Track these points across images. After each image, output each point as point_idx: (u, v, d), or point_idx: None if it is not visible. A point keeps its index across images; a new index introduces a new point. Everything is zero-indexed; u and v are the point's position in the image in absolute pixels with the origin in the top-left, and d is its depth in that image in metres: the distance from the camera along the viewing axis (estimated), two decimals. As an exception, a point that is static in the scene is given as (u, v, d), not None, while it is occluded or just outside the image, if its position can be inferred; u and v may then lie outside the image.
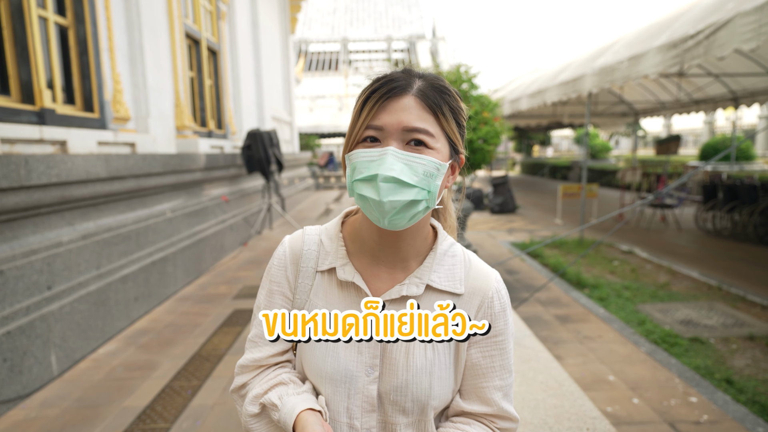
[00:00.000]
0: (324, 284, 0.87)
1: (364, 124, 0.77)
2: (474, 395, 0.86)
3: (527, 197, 14.36)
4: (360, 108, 0.79)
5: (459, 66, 5.99)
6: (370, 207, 0.76)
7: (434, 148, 0.77)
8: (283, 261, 0.90)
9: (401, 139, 0.76)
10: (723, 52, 4.50)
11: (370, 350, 0.82)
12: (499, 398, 0.85)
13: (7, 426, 2.53)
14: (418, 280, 0.84)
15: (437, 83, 0.80)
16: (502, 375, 0.86)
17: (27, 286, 2.89)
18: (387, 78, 0.78)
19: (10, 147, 3.05)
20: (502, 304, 0.87)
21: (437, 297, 0.85)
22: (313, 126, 20.78)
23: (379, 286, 0.85)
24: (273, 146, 7.19)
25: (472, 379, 0.86)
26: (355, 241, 0.89)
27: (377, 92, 0.77)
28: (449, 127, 0.80)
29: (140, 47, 4.80)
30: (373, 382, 0.82)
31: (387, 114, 0.76)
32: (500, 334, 0.86)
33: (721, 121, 27.70)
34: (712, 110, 11.08)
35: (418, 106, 0.77)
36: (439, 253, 0.87)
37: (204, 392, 2.88)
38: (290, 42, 12.90)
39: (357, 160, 0.77)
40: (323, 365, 0.82)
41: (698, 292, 5.01)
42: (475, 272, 0.88)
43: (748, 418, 2.72)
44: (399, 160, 0.74)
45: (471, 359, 0.86)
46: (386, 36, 30.76)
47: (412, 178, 0.74)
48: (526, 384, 2.32)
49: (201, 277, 5.44)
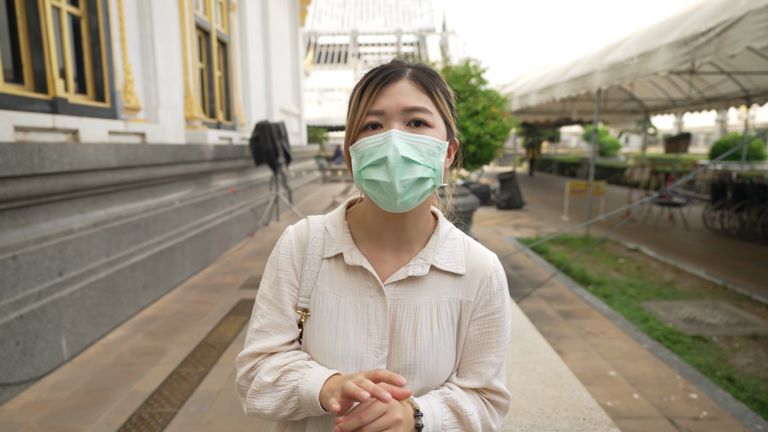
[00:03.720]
0: (330, 270, 0.89)
1: (365, 111, 0.80)
2: (469, 371, 0.90)
3: (534, 194, 14.32)
4: (359, 97, 0.82)
5: (468, 60, 5.98)
6: (381, 190, 0.78)
7: (433, 126, 0.82)
8: (290, 249, 0.91)
9: (402, 120, 0.80)
10: (734, 50, 4.47)
11: (379, 331, 0.86)
12: (492, 374, 0.89)
13: (19, 407, 2.61)
14: (423, 261, 0.88)
15: (427, 68, 0.85)
16: (497, 351, 0.89)
17: (39, 272, 2.96)
18: (380, 67, 0.83)
19: (23, 135, 3.11)
20: (500, 283, 0.91)
21: (441, 277, 0.89)
22: (322, 119, 20.82)
23: (385, 269, 0.88)
24: (281, 138, 7.24)
25: (468, 356, 0.90)
26: (360, 228, 0.92)
27: (374, 80, 0.81)
28: (444, 106, 0.85)
29: (151, 38, 4.84)
30: (383, 362, 0.86)
31: (386, 98, 0.80)
32: (498, 311, 0.90)
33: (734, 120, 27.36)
34: (724, 108, 10.96)
35: (413, 87, 0.81)
36: (440, 236, 0.91)
37: (210, 378, 2.94)
38: (300, 34, 12.91)
39: (363, 148, 0.80)
40: (333, 348, 0.85)
41: (703, 291, 5.01)
42: (475, 254, 0.92)
43: (748, 416, 2.74)
44: (403, 140, 0.78)
45: (469, 336, 0.90)
46: (396, 29, 30.63)
47: (418, 157, 0.78)
48: (525, 375, 2.35)
49: (208, 266, 5.51)
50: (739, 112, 23.72)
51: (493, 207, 11.48)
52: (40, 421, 2.49)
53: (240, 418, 2.53)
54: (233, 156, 6.66)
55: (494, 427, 0.90)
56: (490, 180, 16.91)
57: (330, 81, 25.60)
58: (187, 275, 5.00)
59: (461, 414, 0.84)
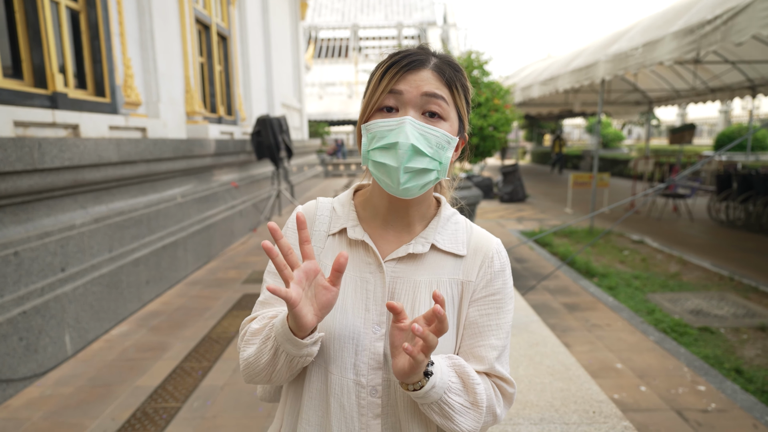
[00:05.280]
0: (334, 246, 0.92)
1: (385, 91, 0.81)
2: (470, 355, 0.87)
3: (537, 186, 14.26)
4: (380, 77, 0.82)
5: (470, 52, 5.92)
6: (386, 173, 0.80)
7: (447, 120, 0.82)
8: (295, 226, 0.93)
9: (419, 106, 0.80)
10: (741, 38, 4.40)
11: (377, 308, 0.85)
12: (493, 357, 0.85)
13: (24, 403, 2.60)
14: (423, 239, 0.88)
15: (452, 61, 0.86)
16: (498, 334, 0.87)
17: (41, 268, 2.95)
18: (406, 52, 0.83)
19: (23, 130, 3.08)
20: (502, 264, 0.90)
21: (441, 257, 0.89)
22: (323, 113, 20.74)
23: (386, 247, 0.89)
24: (282, 133, 7.20)
25: (468, 339, 0.88)
26: (366, 208, 0.94)
27: (397, 64, 0.81)
28: (460, 102, 0.86)
29: (151, 32, 4.80)
30: (380, 339, 0.84)
31: (406, 83, 0.81)
32: (498, 292, 0.88)
33: (738, 111, 27.17)
34: (729, 99, 10.86)
35: (435, 78, 0.82)
36: (443, 218, 0.92)
37: (214, 373, 2.93)
38: (300, 28, 12.83)
39: (376, 129, 0.81)
40: (331, 322, 0.85)
41: (709, 283, 4.97)
42: (477, 236, 0.92)
43: (757, 408, 2.71)
44: (416, 129, 0.79)
45: (469, 318, 0.88)
46: (397, 23, 30.46)
47: (427, 148, 0.79)
48: (533, 368, 2.33)
49: (211, 261, 5.50)
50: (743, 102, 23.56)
51: (496, 200, 11.44)
52: (45, 416, 2.48)
53: (244, 412, 2.52)
54: (234, 151, 6.64)
55: (498, 411, 0.86)
56: (492, 173, 16.84)
57: (331, 75, 25.50)
58: (189, 270, 4.99)
59: (467, 381, 0.81)
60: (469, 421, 0.80)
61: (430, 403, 0.77)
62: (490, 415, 0.84)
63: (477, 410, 0.81)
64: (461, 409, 0.80)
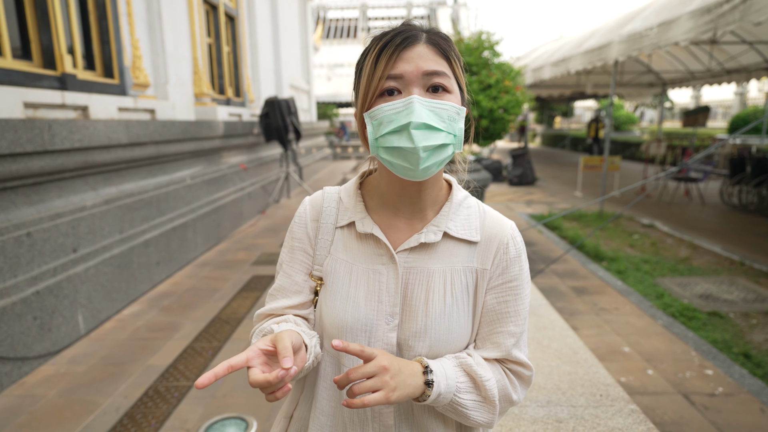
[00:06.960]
0: (344, 239, 0.90)
1: (384, 75, 0.78)
2: (488, 341, 0.88)
3: (547, 169, 14.14)
4: (375, 61, 0.79)
5: (481, 33, 5.83)
6: (403, 157, 0.77)
7: (451, 92, 0.80)
8: (304, 218, 0.93)
9: (422, 85, 0.78)
10: (760, 17, 4.28)
11: (390, 299, 0.84)
12: (511, 344, 0.86)
13: (39, 380, 2.66)
14: (435, 228, 0.86)
15: (441, 33, 0.83)
16: (516, 321, 0.87)
17: (54, 248, 2.99)
18: (396, 30, 0.80)
19: (33, 111, 3.09)
20: (517, 250, 0.88)
21: (454, 245, 0.87)
22: (331, 95, 20.59)
23: (398, 237, 0.87)
24: (291, 114, 7.17)
25: (486, 326, 0.88)
26: (374, 197, 0.91)
27: (391, 43, 0.78)
28: (459, 71, 0.84)
29: (158, 12, 4.76)
30: (393, 329, 0.84)
31: (404, 63, 0.77)
32: (515, 279, 0.87)
33: (754, 93, 26.61)
34: (746, 80, 10.62)
35: (431, 52, 0.79)
36: (455, 203, 0.89)
37: (224, 353, 2.97)
38: (308, 8, 12.67)
39: (382, 114, 0.78)
40: (344, 316, 0.85)
41: (720, 267, 4.93)
42: (491, 221, 0.90)
43: (764, 392, 2.71)
44: (425, 106, 0.76)
45: (486, 305, 0.88)
46: (406, 2, 29.96)
47: (439, 123, 0.77)
48: (540, 351, 2.33)
49: (220, 243, 5.54)
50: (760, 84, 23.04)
51: (505, 183, 11.37)
52: (59, 393, 2.54)
53: (254, 392, 2.56)
54: (243, 132, 6.63)
55: (515, 398, 0.87)
56: (502, 156, 16.70)
57: (339, 56, 25.22)
58: (199, 252, 5.03)
59: (476, 379, 0.82)
60: (484, 414, 0.83)
61: (443, 406, 0.80)
62: (506, 402, 0.86)
63: (490, 404, 0.83)
64: (474, 406, 0.82)
